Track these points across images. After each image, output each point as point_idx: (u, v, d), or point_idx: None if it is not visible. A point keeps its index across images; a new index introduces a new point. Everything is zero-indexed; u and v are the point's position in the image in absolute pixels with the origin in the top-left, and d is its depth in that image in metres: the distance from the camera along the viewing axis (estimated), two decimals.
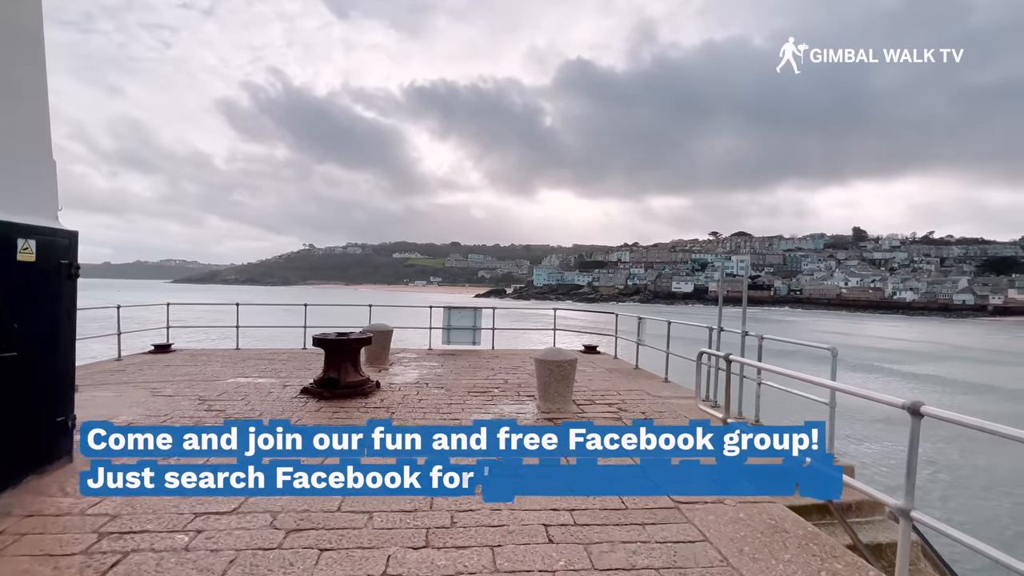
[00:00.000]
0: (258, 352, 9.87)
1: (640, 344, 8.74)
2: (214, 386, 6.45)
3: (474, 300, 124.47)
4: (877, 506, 3.96)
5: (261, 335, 19.67)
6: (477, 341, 10.96)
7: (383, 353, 8.60)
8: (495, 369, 8.32)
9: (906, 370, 26.79)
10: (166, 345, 9.69)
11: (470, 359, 9.44)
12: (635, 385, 7.27)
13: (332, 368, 6.06)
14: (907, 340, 48.06)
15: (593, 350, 10.72)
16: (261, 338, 13.73)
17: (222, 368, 7.82)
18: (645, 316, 8.80)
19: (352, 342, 6.15)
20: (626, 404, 6.06)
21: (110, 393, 5.92)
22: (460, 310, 11.00)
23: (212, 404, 5.54)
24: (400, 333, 10.51)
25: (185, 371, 7.53)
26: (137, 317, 14.06)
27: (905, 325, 74.05)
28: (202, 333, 19.70)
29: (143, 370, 7.58)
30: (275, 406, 5.45)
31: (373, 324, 8.81)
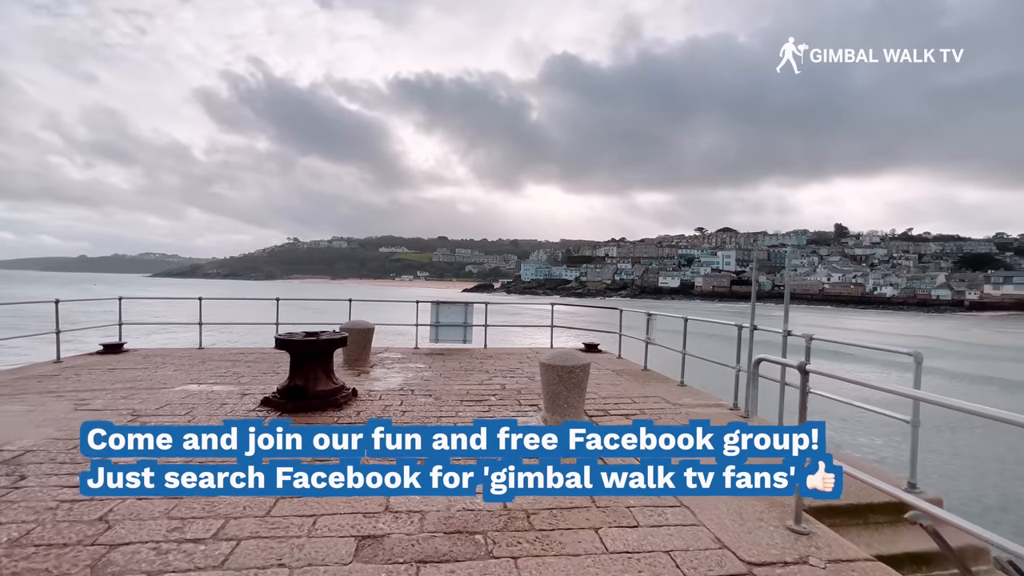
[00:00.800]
0: (222, 352, 8.80)
1: (650, 343, 7.91)
2: (157, 396, 5.41)
3: (463, 295, 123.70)
4: (981, 553, 3.17)
5: (231, 333, 18.47)
6: (468, 339, 10.03)
7: (363, 354, 7.62)
8: (490, 372, 7.41)
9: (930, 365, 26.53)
10: (117, 345, 8.56)
11: (461, 359, 8.51)
12: (649, 390, 6.42)
13: (299, 375, 5.07)
14: (903, 335, 48.45)
15: (594, 348, 9.87)
16: (230, 336, 12.62)
17: (174, 372, 6.77)
18: (656, 312, 7.95)
19: (323, 344, 5.16)
20: (646, 415, 5.20)
21: (22, 407, 4.86)
22: (449, 305, 10.05)
23: (147, 420, 4.53)
24: (384, 331, 9.54)
25: (129, 376, 6.47)
26: (90, 313, 12.83)
27: (893, 320, 74.85)
28: (164, 331, 18.46)
29: (80, 376, 6.50)
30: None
31: (352, 321, 7.82)
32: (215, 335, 16.04)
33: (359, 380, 6.64)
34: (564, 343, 11.43)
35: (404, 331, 10.27)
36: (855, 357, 25.35)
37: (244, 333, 20.97)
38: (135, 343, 9.34)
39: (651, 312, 7.96)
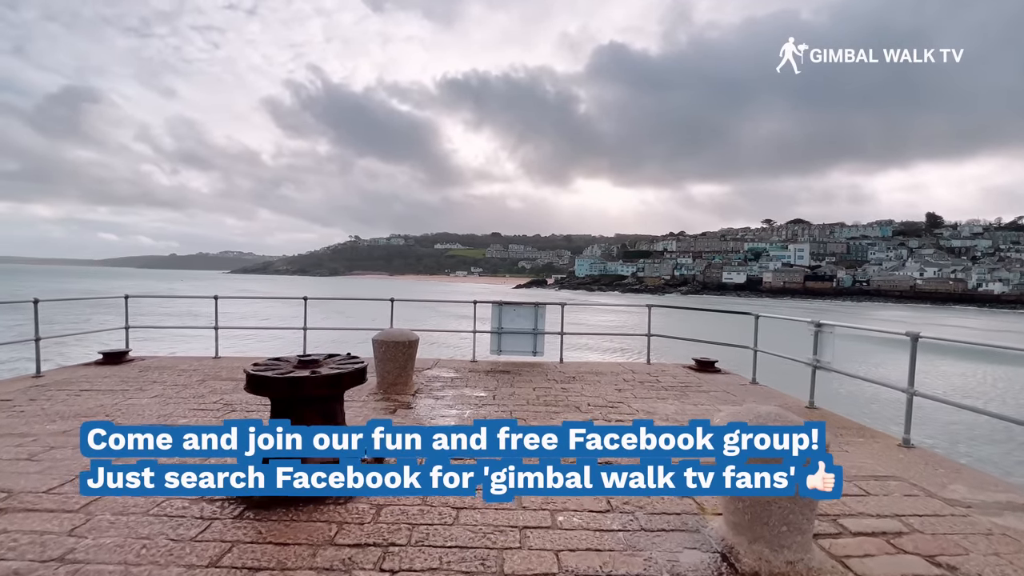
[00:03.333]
0: (240, 362, 7.12)
1: (817, 366, 5.28)
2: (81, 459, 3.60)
3: (516, 292, 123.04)
4: None
5: (250, 339, 17.22)
6: (539, 350, 7.81)
7: (402, 375, 5.57)
8: (580, 406, 5.12)
9: None
10: (119, 353, 7.09)
11: (535, 381, 6.29)
12: (860, 458, 3.84)
13: None
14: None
15: (710, 367, 7.31)
16: (257, 341, 11.15)
17: (155, 400, 5.01)
18: (828, 321, 5.27)
19: (320, 382, 3.01)
20: (912, 536, 2.71)
21: None
22: (516, 307, 7.86)
23: (15, 542, 2.66)
24: (433, 339, 7.54)
25: (94, 406, 4.78)
26: (100, 312, 11.83)
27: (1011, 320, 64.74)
28: (179, 336, 17.61)
29: (38, 400, 4.90)
30: (136, 544, 2.50)
31: (388, 331, 5.77)
32: (237, 341, 14.73)
33: (396, 416, 4.58)
34: (662, 356, 8.90)
35: (457, 341, 8.18)
36: None
37: (275, 338, 19.83)
38: (148, 348, 7.92)
39: (821, 322, 5.30)
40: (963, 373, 20.47)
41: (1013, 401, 15.93)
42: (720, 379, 6.74)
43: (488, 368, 7.11)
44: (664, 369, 7.32)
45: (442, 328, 21.06)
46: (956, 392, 16.47)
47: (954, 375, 20.04)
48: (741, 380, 6.67)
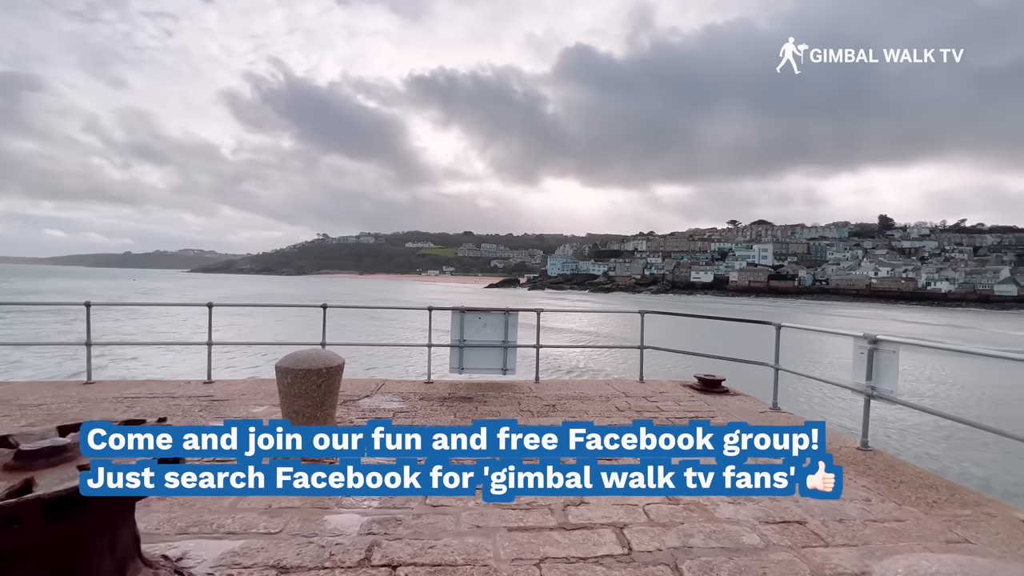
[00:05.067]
0: (112, 389, 5.37)
1: (873, 395, 4.04)
2: None
3: (488, 291, 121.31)
4: None
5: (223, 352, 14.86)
6: (510, 367, 6.37)
7: (321, 412, 4.00)
8: None
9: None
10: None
11: (504, 409, 4.83)
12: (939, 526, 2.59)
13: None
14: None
15: (716, 386, 6.04)
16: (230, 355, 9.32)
17: None
18: (889, 337, 4.03)
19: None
20: None
21: None
22: (482, 314, 6.39)
23: None
24: (383, 354, 5.94)
25: None
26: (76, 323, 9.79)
27: (980, 318, 67.39)
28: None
29: None
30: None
31: (301, 354, 4.18)
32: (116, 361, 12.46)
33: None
34: (653, 368, 7.59)
35: (412, 355, 6.66)
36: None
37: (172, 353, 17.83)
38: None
39: (878, 337, 4.04)
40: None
41: None
42: (733, 404, 5.46)
43: (446, 393, 5.61)
44: (662, 390, 6.01)
45: (392, 342, 19.02)
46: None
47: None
48: (760, 406, 5.40)
